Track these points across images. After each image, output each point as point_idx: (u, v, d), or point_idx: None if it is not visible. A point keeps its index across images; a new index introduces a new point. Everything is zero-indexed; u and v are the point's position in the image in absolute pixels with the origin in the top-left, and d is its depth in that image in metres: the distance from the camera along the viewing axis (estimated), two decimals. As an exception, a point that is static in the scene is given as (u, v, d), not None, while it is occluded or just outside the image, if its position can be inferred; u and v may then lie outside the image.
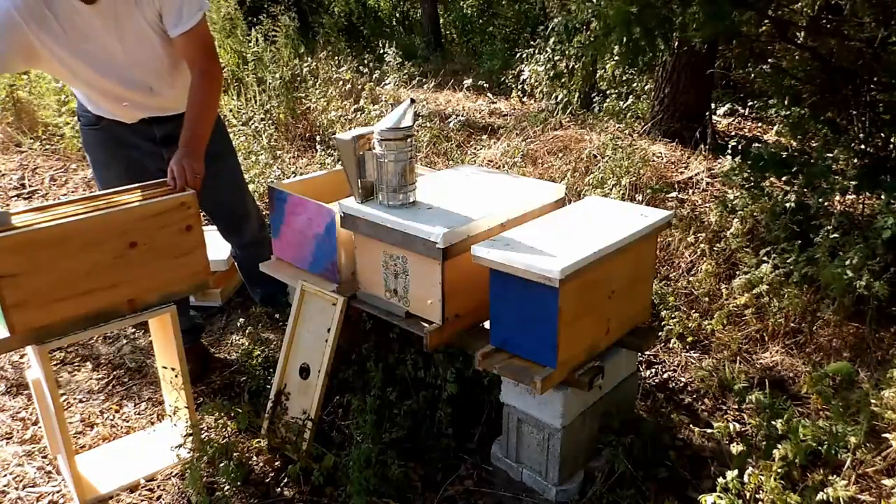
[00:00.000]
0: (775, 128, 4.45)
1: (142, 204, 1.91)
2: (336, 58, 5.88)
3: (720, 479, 1.77)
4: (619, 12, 2.56)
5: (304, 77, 5.25)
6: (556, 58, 5.17)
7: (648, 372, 2.58)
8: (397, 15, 10.77)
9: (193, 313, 2.75)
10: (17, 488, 2.11)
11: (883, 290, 2.41)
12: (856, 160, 3.25)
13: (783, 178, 3.15)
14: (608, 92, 5.04)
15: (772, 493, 1.73)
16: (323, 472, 2.02)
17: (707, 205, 3.53)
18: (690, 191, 3.73)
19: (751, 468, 1.81)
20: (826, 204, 2.99)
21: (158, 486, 2.10)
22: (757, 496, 1.75)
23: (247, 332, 2.81)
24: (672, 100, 4.42)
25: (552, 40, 5.10)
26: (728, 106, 4.83)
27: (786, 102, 3.50)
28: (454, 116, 4.99)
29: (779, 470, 1.81)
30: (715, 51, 4.38)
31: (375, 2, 10.84)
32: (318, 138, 4.66)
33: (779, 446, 1.85)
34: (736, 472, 1.76)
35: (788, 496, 1.73)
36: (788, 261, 2.74)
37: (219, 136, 2.57)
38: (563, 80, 5.20)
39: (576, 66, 5.09)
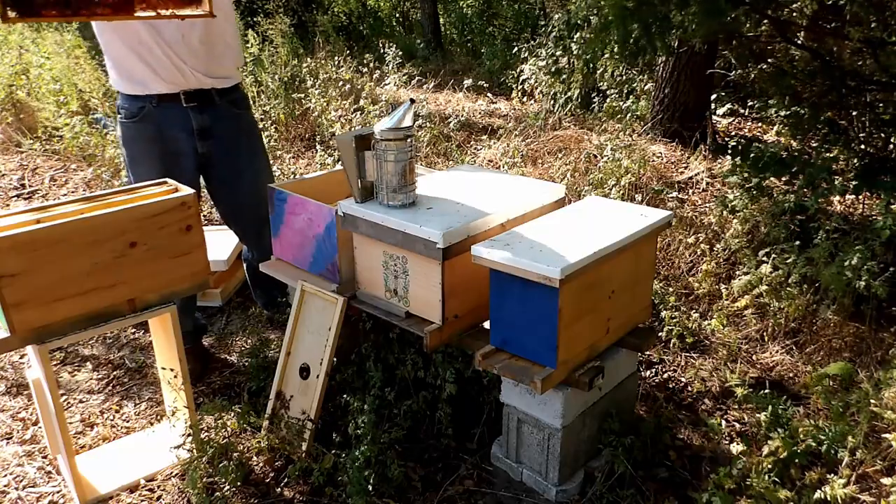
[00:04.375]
0: (775, 128, 4.45)
1: (142, 204, 1.91)
2: (335, 58, 5.88)
3: (712, 476, 1.78)
4: (615, 8, 2.55)
5: (303, 77, 5.25)
6: (559, 53, 5.16)
7: (648, 372, 2.58)
8: (397, 15, 10.76)
9: (197, 314, 2.75)
10: (17, 488, 2.11)
11: (882, 290, 2.41)
12: (856, 160, 3.24)
13: (783, 178, 3.15)
14: (608, 92, 5.04)
15: (761, 487, 1.73)
16: (323, 472, 2.02)
17: (707, 205, 3.53)
18: (690, 191, 3.73)
19: (741, 463, 1.82)
20: (824, 204, 2.99)
21: (158, 487, 2.10)
22: (749, 492, 1.76)
23: (247, 332, 2.81)
24: (672, 100, 4.42)
25: (553, 35, 5.10)
26: (728, 106, 4.82)
27: (786, 102, 3.50)
28: (454, 116, 4.99)
29: (769, 465, 1.81)
30: (715, 51, 4.38)
31: (375, 2, 10.84)
32: (318, 138, 4.66)
33: (769, 442, 1.86)
34: (728, 468, 1.77)
35: (780, 491, 1.73)
36: (788, 261, 2.74)
37: (256, 138, 2.58)
38: (563, 76, 5.20)
39: (576, 64, 5.09)
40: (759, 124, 4.82)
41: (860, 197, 3.26)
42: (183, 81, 2.31)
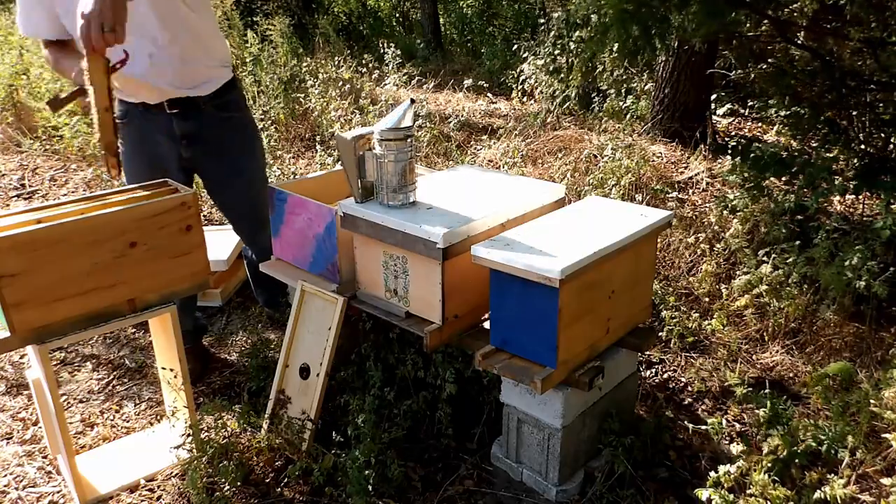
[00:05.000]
0: (775, 128, 4.45)
1: (142, 204, 1.91)
2: (335, 58, 5.88)
3: (712, 474, 1.78)
4: (616, 10, 2.55)
5: (302, 77, 5.25)
6: (556, 52, 5.16)
7: (648, 372, 2.58)
8: (397, 15, 10.76)
9: (198, 314, 2.75)
10: (17, 488, 2.11)
11: (882, 290, 2.41)
12: (856, 160, 3.25)
13: (783, 178, 3.15)
14: (608, 91, 5.04)
15: (760, 485, 1.73)
16: (323, 472, 2.02)
17: (707, 205, 3.53)
18: (690, 191, 3.73)
19: (741, 461, 1.82)
20: (824, 204, 3.00)
21: (158, 487, 2.10)
22: (748, 491, 1.76)
23: (247, 332, 2.81)
24: (672, 100, 4.42)
25: (552, 33, 5.10)
26: (728, 106, 4.83)
27: (786, 102, 3.50)
28: (454, 116, 4.99)
29: (769, 464, 1.81)
30: (715, 51, 4.38)
31: (375, 2, 10.84)
32: (318, 139, 4.66)
33: (768, 440, 1.86)
34: (729, 466, 1.77)
35: (778, 489, 1.73)
36: (788, 261, 2.74)
37: (249, 139, 2.55)
38: (561, 74, 5.20)
39: (575, 62, 5.09)
40: (759, 124, 4.82)
41: (860, 197, 3.26)
42: (164, 95, 2.26)
